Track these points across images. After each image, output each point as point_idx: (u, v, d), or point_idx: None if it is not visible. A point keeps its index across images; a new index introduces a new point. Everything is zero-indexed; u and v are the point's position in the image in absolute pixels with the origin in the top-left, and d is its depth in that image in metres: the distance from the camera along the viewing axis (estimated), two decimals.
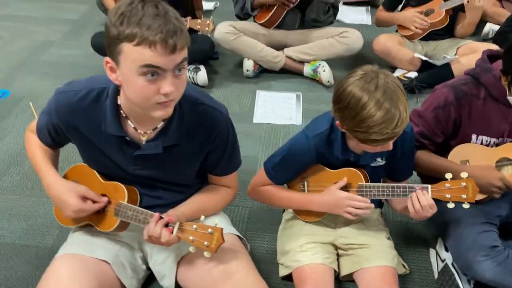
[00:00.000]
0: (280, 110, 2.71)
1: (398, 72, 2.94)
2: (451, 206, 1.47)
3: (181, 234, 1.33)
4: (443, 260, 1.69)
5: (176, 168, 1.42)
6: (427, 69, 2.88)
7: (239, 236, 1.53)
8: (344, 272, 1.61)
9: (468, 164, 1.65)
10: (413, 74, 2.89)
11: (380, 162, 1.55)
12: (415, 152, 1.66)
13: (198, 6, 3.02)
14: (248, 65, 2.96)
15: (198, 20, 2.70)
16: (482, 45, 2.85)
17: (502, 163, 1.64)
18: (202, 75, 2.85)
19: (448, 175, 1.46)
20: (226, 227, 1.46)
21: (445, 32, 2.93)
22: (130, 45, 1.10)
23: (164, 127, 1.33)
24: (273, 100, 2.80)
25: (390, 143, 1.40)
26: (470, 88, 1.63)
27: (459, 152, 1.66)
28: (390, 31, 3.14)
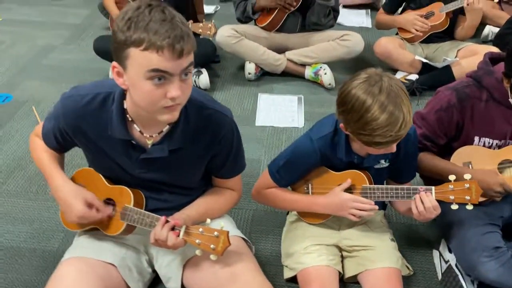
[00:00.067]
0: (282, 113, 2.72)
1: (399, 75, 2.95)
2: (455, 207, 1.48)
3: (187, 237, 1.33)
4: (447, 261, 1.70)
5: (181, 171, 1.43)
6: (428, 71, 2.90)
7: (244, 239, 1.54)
8: (348, 273, 1.61)
9: (470, 165, 1.66)
10: (414, 77, 2.90)
11: (383, 164, 1.56)
12: (418, 154, 1.67)
13: (200, 9, 3.03)
14: (250, 68, 2.97)
15: (200, 24, 2.70)
16: (482, 47, 2.87)
17: (504, 165, 1.66)
18: (204, 78, 2.86)
19: (451, 177, 1.47)
20: (231, 229, 1.46)
21: (445, 35, 2.95)
22: (138, 50, 1.11)
23: (169, 130, 1.34)
24: (275, 103, 2.80)
25: (394, 145, 1.41)
26: (473, 90, 1.64)
27: (462, 154, 1.67)
28: (390, 34, 3.16)
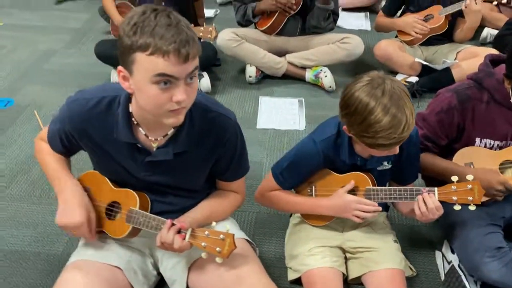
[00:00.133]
0: (283, 115, 2.73)
1: (399, 77, 2.96)
2: (457, 208, 1.49)
3: (193, 240, 1.34)
4: (450, 262, 1.70)
5: (186, 174, 1.44)
6: (427, 73, 2.91)
7: (248, 241, 1.55)
8: (352, 275, 1.62)
9: (472, 166, 1.67)
10: (414, 79, 2.91)
11: (386, 166, 1.57)
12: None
13: (200, 13, 3.03)
14: (251, 71, 2.98)
15: (201, 28, 2.71)
16: (481, 49, 2.88)
17: (505, 165, 1.67)
18: (205, 81, 2.87)
19: (454, 178, 1.48)
20: (235, 232, 1.46)
21: (444, 37, 2.96)
22: (144, 54, 1.12)
23: (174, 134, 1.35)
24: (276, 106, 2.82)
25: (397, 147, 1.42)
26: (473, 92, 1.65)
27: (463, 154, 1.69)
28: (389, 37, 3.17)
